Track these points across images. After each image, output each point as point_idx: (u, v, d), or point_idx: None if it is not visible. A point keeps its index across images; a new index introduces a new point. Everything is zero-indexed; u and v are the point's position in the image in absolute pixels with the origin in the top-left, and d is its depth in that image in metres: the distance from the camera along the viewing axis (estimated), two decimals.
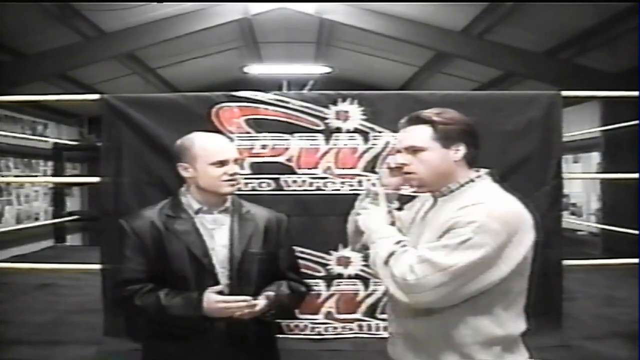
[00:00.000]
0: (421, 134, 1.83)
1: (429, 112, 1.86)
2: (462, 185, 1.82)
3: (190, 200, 2.23)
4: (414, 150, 1.84)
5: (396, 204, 2.06)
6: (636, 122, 4.67)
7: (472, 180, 1.83)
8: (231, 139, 2.81)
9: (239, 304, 2.04)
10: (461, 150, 1.82)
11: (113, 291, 2.23)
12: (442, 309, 1.73)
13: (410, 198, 2.11)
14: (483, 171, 1.87)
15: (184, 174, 2.23)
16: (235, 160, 2.22)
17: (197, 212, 2.21)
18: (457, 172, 1.83)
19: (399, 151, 1.89)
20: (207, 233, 2.18)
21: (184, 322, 2.08)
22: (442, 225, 1.73)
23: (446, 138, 1.81)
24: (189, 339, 2.12)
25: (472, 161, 1.85)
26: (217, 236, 2.18)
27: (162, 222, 2.18)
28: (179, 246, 2.14)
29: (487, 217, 1.66)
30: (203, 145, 2.22)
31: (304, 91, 6.86)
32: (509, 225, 1.68)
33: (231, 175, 2.18)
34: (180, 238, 2.15)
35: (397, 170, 1.93)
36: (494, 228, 1.66)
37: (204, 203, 2.21)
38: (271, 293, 2.13)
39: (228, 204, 2.24)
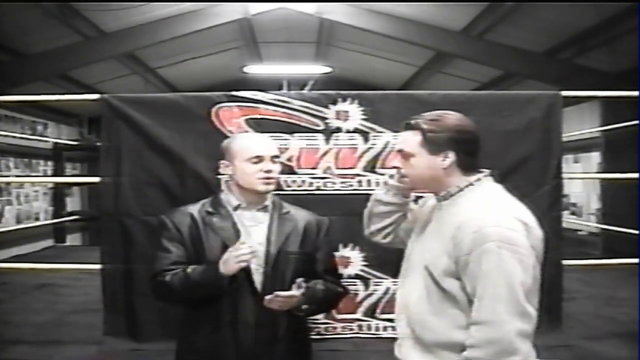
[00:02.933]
0: (411, 140, 1.88)
1: (421, 119, 1.89)
2: (461, 190, 1.85)
3: (229, 197, 2.26)
4: (404, 155, 1.91)
5: (412, 197, 2.11)
6: (636, 122, 4.67)
7: (471, 184, 1.86)
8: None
9: (250, 249, 2.05)
10: (450, 157, 1.84)
11: (150, 281, 2.25)
12: (450, 313, 1.76)
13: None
14: (482, 174, 1.88)
15: (225, 171, 2.29)
16: (273, 159, 2.24)
17: (235, 208, 2.24)
18: (450, 178, 1.86)
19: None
20: (244, 230, 2.20)
21: (204, 287, 2.10)
22: (445, 234, 1.78)
23: (434, 145, 1.85)
24: (223, 334, 2.13)
25: (467, 167, 1.87)
26: (255, 233, 2.21)
27: (201, 217, 2.22)
28: (216, 241, 2.17)
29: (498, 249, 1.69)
30: (241, 142, 2.28)
31: (304, 91, 6.86)
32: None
33: (266, 172, 2.20)
34: (218, 233, 2.19)
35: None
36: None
37: (243, 200, 2.24)
38: (303, 283, 2.13)
39: (268, 202, 2.27)
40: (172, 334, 2.41)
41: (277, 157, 2.28)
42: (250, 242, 2.17)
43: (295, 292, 2.11)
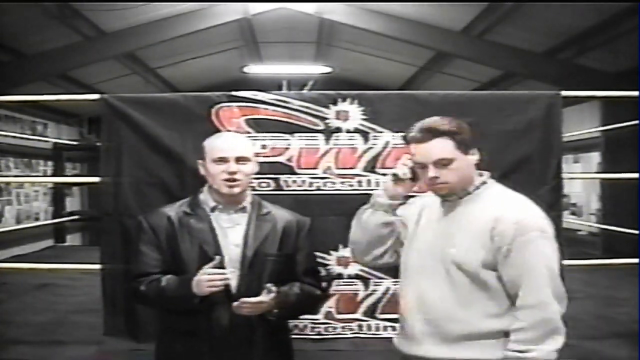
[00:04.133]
0: (445, 147, 1.91)
1: (444, 124, 1.93)
2: (477, 188, 1.97)
3: (207, 197, 2.24)
4: (444, 162, 1.92)
5: (399, 213, 2.11)
6: (636, 122, 4.67)
7: (485, 182, 1.99)
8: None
9: (222, 276, 2.03)
10: (476, 154, 1.96)
11: (128, 285, 2.25)
12: (481, 303, 1.87)
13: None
14: (485, 172, 2.01)
15: (200, 170, 2.27)
16: (239, 160, 2.19)
17: (212, 209, 2.21)
18: (474, 176, 1.98)
19: (424, 165, 1.94)
20: (221, 231, 2.18)
21: (177, 301, 2.09)
22: (478, 229, 1.88)
23: (465, 145, 1.93)
24: (198, 337, 2.12)
25: (479, 165, 1.98)
26: (231, 235, 2.18)
27: (178, 218, 2.20)
28: (192, 243, 2.16)
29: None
30: (211, 142, 2.27)
31: (304, 91, 6.86)
32: None
33: (229, 174, 2.16)
34: (194, 235, 2.17)
35: (401, 181, 2.02)
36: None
37: (219, 201, 2.22)
38: (273, 287, 2.08)
39: (246, 203, 2.24)
40: None
41: (245, 158, 2.21)
42: (227, 244, 2.15)
43: (263, 297, 2.06)
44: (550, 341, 1.81)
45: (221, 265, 2.08)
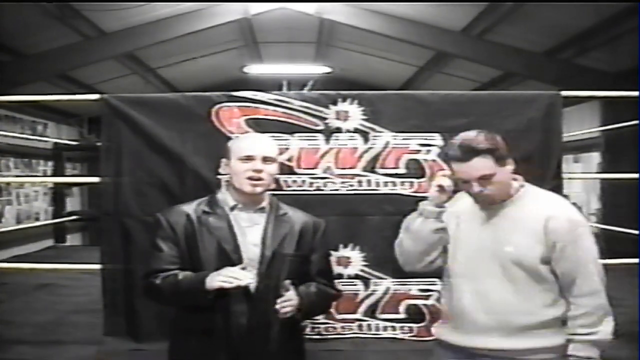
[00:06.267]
0: (487, 164, 2.07)
1: (483, 143, 2.07)
2: (517, 191, 2.17)
3: (226, 196, 2.26)
4: (487, 178, 2.08)
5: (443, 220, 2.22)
6: (636, 122, 4.67)
7: (522, 186, 2.18)
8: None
9: (238, 280, 2.03)
10: (511, 163, 2.13)
11: (143, 280, 2.26)
12: (540, 295, 2.09)
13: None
14: (519, 177, 2.19)
15: (223, 169, 2.30)
16: (265, 160, 2.22)
17: (232, 208, 2.23)
18: (511, 182, 2.16)
19: (466, 181, 2.10)
20: (240, 230, 2.20)
21: (190, 295, 2.11)
22: (532, 227, 2.07)
23: (502, 159, 2.10)
24: (215, 337, 2.13)
25: (514, 171, 2.16)
26: (250, 234, 2.20)
27: (197, 216, 2.22)
28: (211, 241, 2.17)
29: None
30: (237, 141, 2.32)
31: (304, 91, 6.86)
32: None
33: (254, 172, 2.18)
34: (213, 233, 2.18)
35: (445, 191, 2.16)
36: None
37: (239, 201, 2.24)
38: (289, 285, 2.11)
39: (265, 204, 2.26)
40: None
41: (270, 159, 2.24)
42: (245, 243, 2.17)
43: (291, 294, 2.10)
44: (606, 323, 2.06)
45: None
